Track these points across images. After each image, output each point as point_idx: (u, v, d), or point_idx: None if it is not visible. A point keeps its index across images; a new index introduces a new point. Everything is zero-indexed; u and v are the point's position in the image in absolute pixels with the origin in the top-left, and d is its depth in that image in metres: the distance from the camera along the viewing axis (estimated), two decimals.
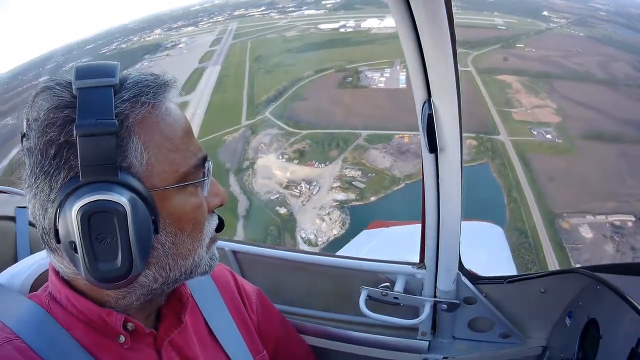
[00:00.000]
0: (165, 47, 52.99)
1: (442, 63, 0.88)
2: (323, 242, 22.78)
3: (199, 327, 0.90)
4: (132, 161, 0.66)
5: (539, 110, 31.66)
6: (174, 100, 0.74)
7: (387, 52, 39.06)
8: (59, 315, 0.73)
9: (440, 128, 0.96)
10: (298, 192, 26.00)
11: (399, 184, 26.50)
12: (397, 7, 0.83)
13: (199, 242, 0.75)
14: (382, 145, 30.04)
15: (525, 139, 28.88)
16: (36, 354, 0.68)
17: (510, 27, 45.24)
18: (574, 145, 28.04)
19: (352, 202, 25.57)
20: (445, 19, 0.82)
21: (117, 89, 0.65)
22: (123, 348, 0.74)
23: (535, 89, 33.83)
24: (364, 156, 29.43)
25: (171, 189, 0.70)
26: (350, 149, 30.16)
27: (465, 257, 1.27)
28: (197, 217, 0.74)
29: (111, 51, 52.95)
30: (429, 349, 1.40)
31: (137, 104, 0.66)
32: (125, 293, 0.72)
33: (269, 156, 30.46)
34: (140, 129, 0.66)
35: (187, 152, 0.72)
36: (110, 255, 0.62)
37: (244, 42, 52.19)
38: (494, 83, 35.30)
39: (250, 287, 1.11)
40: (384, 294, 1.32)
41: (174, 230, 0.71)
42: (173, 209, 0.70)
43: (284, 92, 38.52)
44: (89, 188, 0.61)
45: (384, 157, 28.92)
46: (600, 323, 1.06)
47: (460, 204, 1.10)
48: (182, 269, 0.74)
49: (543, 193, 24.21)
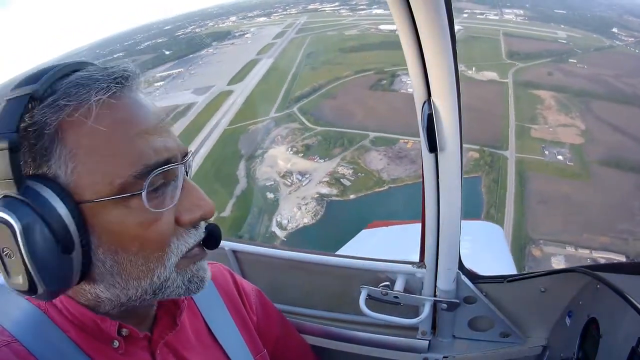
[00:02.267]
0: (234, 35, 53.74)
1: (442, 63, 0.88)
2: (292, 228, 23.91)
3: (198, 328, 0.90)
4: (57, 171, 0.61)
5: (563, 129, 30.41)
6: (133, 95, 0.67)
7: None
8: (56, 318, 0.72)
9: (440, 128, 0.96)
10: (290, 182, 27.41)
11: (382, 187, 26.86)
12: (397, 7, 0.82)
13: (157, 262, 0.67)
14: (385, 148, 30.29)
15: (533, 158, 27.90)
16: (35, 358, 0.67)
17: (571, 42, 43.60)
18: (587, 170, 26.48)
19: (332, 196, 26.46)
20: (445, 19, 0.82)
21: (40, 96, 0.61)
22: (118, 353, 0.73)
23: (569, 107, 32.42)
24: (362, 157, 29.77)
25: (105, 202, 0.62)
26: (353, 149, 30.58)
27: (465, 257, 1.27)
28: (144, 235, 0.65)
29: (185, 34, 54.03)
30: (429, 348, 1.40)
31: (57, 108, 0.61)
32: (95, 303, 0.70)
33: (280, 147, 31.49)
34: (65, 135, 0.61)
35: (130, 157, 0.63)
36: (16, 270, 0.60)
37: (304, 38, 52.43)
38: (527, 97, 34.19)
39: (250, 286, 1.11)
40: (384, 293, 1.32)
41: (114, 248, 0.64)
42: (109, 225, 0.63)
43: (318, 89, 39.23)
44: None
45: (380, 159, 29.26)
46: (600, 322, 1.06)
47: (460, 203, 1.10)
48: (139, 290, 0.68)
49: (526, 215, 23.00)
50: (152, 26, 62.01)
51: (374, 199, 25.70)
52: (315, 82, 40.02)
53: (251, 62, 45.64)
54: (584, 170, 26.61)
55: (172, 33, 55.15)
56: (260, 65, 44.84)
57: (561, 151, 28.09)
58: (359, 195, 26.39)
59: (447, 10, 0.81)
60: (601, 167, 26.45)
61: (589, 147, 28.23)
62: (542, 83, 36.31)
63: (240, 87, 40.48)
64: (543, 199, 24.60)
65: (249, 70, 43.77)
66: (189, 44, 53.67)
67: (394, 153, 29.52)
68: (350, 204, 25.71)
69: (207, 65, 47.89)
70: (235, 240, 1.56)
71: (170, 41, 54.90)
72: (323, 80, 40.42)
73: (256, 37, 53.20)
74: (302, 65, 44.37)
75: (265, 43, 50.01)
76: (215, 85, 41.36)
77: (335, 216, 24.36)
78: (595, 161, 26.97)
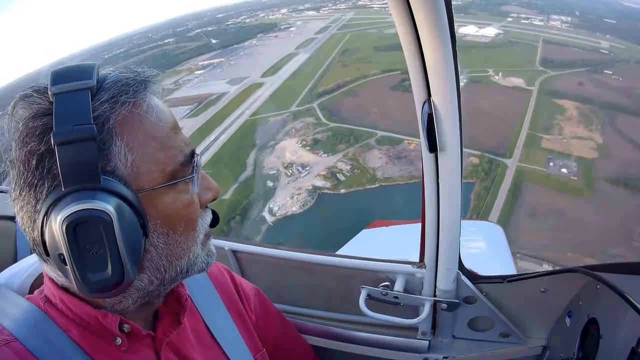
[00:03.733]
0: (279, 28, 53.50)
1: (442, 63, 0.88)
2: (281, 215, 25.34)
3: (198, 327, 0.90)
4: (117, 164, 0.64)
5: (577, 142, 27.91)
6: (157, 96, 0.71)
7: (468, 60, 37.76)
8: (56, 317, 0.72)
9: (440, 128, 0.96)
10: (291, 172, 28.64)
11: (373, 184, 27.08)
12: (397, 7, 0.83)
13: (192, 240, 0.73)
14: (387, 147, 30.26)
15: (535, 168, 26.30)
16: (34, 357, 0.67)
17: (612, 52, 40.45)
18: (591, 186, 24.30)
19: (324, 189, 27.16)
20: (445, 19, 0.82)
21: (95, 91, 0.63)
22: (120, 350, 0.72)
23: (591, 120, 30.03)
24: (364, 154, 29.90)
25: (159, 189, 0.67)
26: (357, 146, 30.77)
27: (465, 257, 1.27)
28: (188, 214, 0.72)
29: (235, 24, 54.71)
30: (429, 348, 1.40)
31: (117, 104, 0.64)
32: (122, 298, 0.71)
33: (291, 140, 32.24)
34: (122, 129, 0.64)
35: (173, 149, 0.70)
36: (100, 265, 0.61)
37: (344, 34, 52.06)
38: (548, 106, 32.40)
39: (249, 285, 1.11)
40: (384, 293, 1.32)
41: (166, 230, 0.69)
42: (163, 209, 0.68)
43: (343, 86, 39.14)
44: (71, 197, 0.60)
45: (380, 157, 29.40)
46: (600, 322, 1.05)
47: (460, 203, 1.10)
48: (178, 269, 0.73)
49: (509, 227, 21.44)
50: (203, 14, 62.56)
51: (364, 195, 26.14)
52: (342, 79, 39.79)
53: (288, 55, 45.48)
54: (587, 186, 24.55)
55: (223, 21, 55.46)
56: (296, 60, 44.82)
57: (567, 164, 26.00)
58: (350, 191, 26.90)
59: (447, 10, 0.81)
60: (608, 185, 24.33)
61: (601, 163, 25.92)
62: (569, 92, 33.89)
63: (271, 80, 40.81)
64: (533, 211, 23.32)
65: (283, 64, 43.76)
66: (236, 34, 53.98)
67: (395, 153, 29.55)
68: (339, 197, 26.43)
69: (247, 57, 47.99)
70: (235, 240, 1.56)
71: (219, 30, 55.14)
72: (350, 78, 40.13)
73: (300, 31, 52.65)
74: (335, 61, 44.02)
75: (307, 38, 49.69)
76: (250, 77, 41.75)
77: (323, 208, 25.29)
78: (603, 178, 24.71)
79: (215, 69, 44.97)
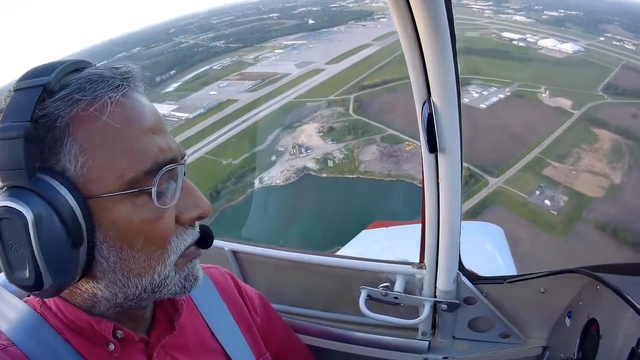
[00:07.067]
0: (372, 18, 51.95)
1: (442, 63, 0.88)
2: (266, 184, 27.28)
3: (201, 331, 0.89)
4: (66, 165, 0.61)
5: (588, 176, 24.20)
6: (136, 95, 0.67)
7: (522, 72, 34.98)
8: (52, 321, 0.71)
9: (440, 128, 0.96)
10: (294, 152, 30.25)
11: (352, 174, 27.75)
12: (397, 7, 0.83)
13: (158, 260, 0.67)
14: (387, 145, 30.17)
15: (516, 193, 23.47)
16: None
17: None
18: (570, 226, 21.01)
19: (311, 171, 28.33)
20: (445, 19, 0.82)
21: (53, 89, 0.61)
22: (113, 357, 0.71)
23: (622, 156, 25.49)
24: (361, 147, 30.20)
25: (113, 197, 0.62)
26: (360, 140, 30.99)
27: (465, 257, 1.27)
28: (150, 230, 0.65)
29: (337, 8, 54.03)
30: (429, 349, 1.40)
31: (71, 102, 0.61)
32: (92, 303, 0.69)
33: (313, 125, 33.15)
34: (76, 129, 0.61)
35: (140, 154, 0.64)
36: (20, 264, 0.59)
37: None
38: (580, 133, 28.49)
39: (253, 290, 1.11)
40: (383, 294, 1.32)
41: (119, 244, 0.64)
42: (116, 220, 0.63)
43: (388, 82, 38.41)
44: (3, 194, 0.59)
45: (373, 153, 29.64)
46: (600, 323, 1.05)
47: (460, 203, 1.10)
48: (140, 287, 0.67)
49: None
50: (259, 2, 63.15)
51: (341, 182, 27.38)
52: (390, 76, 38.79)
53: (361, 46, 44.52)
54: (565, 224, 21.28)
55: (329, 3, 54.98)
56: (366, 51, 44.05)
57: (554, 197, 22.63)
58: (330, 176, 27.96)
59: (447, 10, 0.81)
60: (592, 229, 20.96)
61: (601, 204, 22.37)
62: (613, 123, 29.04)
63: (333, 67, 40.69)
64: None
65: (352, 54, 43.17)
66: (332, 17, 53.51)
67: (389, 151, 29.63)
68: (320, 180, 27.82)
69: (327, 42, 47.61)
70: (235, 241, 1.56)
71: (321, 12, 54.98)
72: (399, 75, 38.29)
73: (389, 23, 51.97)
74: (397, 58, 43.42)
75: (388, 31, 47.33)
76: (316, 63, 41.64)
77: (301, 185, 27.11)
78: (591, 220, 21.30)
79: (293, 50, 45.12)
